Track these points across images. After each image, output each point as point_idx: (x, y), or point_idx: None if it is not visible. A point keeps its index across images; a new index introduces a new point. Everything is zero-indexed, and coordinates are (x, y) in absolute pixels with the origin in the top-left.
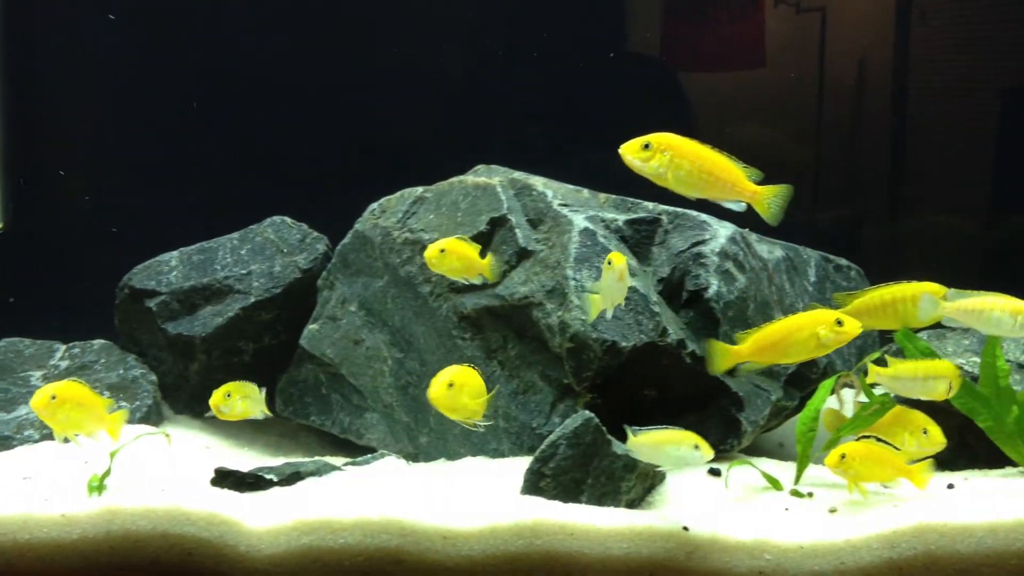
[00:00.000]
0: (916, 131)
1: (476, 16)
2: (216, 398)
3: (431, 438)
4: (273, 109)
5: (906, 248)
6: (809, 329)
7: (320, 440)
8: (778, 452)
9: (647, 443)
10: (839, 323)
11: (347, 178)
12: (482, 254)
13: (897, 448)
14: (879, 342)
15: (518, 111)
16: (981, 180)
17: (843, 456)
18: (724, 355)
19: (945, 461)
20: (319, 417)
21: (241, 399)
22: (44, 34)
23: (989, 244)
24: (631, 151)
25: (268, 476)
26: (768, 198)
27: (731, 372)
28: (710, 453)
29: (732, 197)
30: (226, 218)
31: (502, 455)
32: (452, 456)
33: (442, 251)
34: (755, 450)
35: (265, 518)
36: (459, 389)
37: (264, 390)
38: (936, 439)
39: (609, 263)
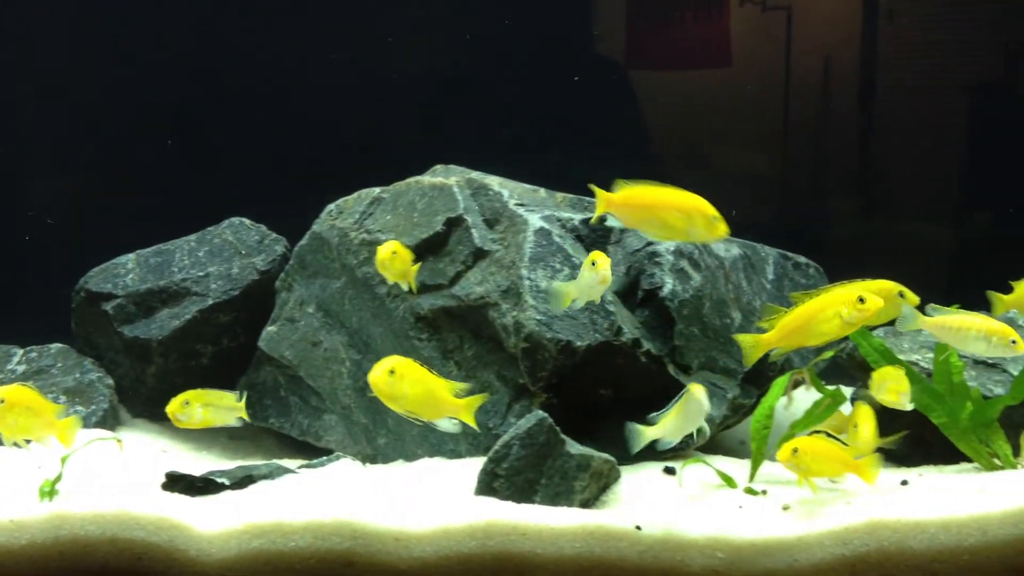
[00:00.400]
0: (883, 129)
1: (438, 14)
2: (173, 406)
3: (389, 439)
4: (231, 110)
5: (874, 245)
6: (832, 309)
7: (280, 443)
8: (739, 450)
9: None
10: (861, 300)
11: (307, 178)
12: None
13: (845, 444)
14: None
15: (482, 110)
16: (949, 177)
17: (795, 451)
18: (755, 345)
19: (901, 457)
20: (278, 420)
21: (202, 407)
22: None
23: (957, 240)
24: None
25: (219, 480)
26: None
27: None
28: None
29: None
30: (184, 220)
31: (459, 456)
32: (410, 457)
33: (394, 253)
34: (716, 448)
35: (216, 522)
36: (400, 378)
37: (244, 395)
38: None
39: (593, 263)
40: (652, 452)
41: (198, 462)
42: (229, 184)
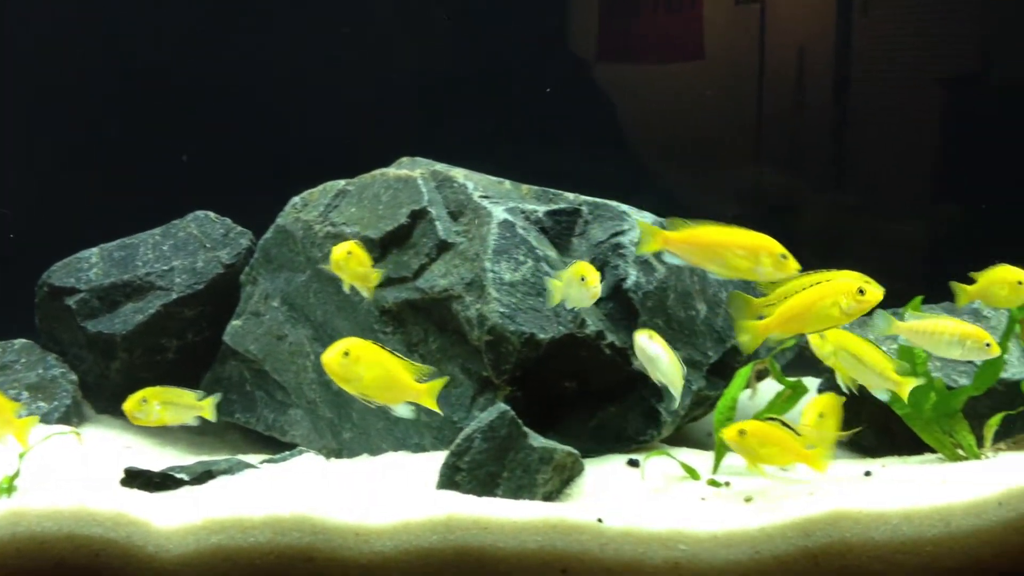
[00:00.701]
0: (858, 122)
1: (405, 4)
2: (130, 404)
3: (354, 434)
4: (196, 102)
5: (848, 237)
6: (831, 299)
7: (246, 438)
8: (706, 442)
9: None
10: (861, 292)
11: (275, 171)
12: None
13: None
14: None
15: (454, 103)
16: (924, 169)
17: (741, 432)
18: (753, 331)
19: (869, 448)
20: (243, 415)
21: (161, 405)
22: None
23: (932, 232)
24: None
25: (179, 475)
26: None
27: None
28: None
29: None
30: (149, 213)
31: (424, 449)
32: (375, 451)
33: (349, 253)
34: (683, 440)
35: (174, 518)
36: (355, 360)
37: (216, 397)
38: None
39: (583, 279)
40: (616, 444)
41: (162, 458)
42: (195, 177)
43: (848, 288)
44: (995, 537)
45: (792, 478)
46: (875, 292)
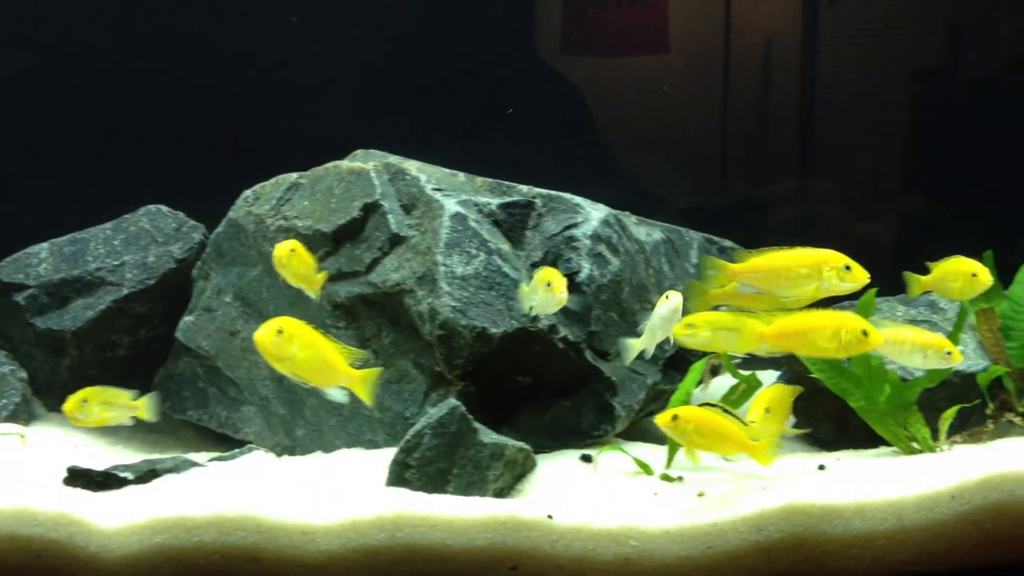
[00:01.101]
0: (825, 114)
1: None
2: (70, 404)
3: (307, 431)
4: (150, 94)
5: (814, 229)
6: (832, 329)
7: (200, 435)
8: (663, 437)
9: None
10: (865, 333)
11: (230, 164)
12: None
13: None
14: None
15: (413, 95)
16: (890, 161)
17: (675, 418)
18: (750, 335)
19: (826, 441)
20: (196, 412)
21: (100, 405)
22: None
23: (899, 222)
24: None
25: (123, 474)
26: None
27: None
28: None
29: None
30: (101, 208)
31: (377, 446)
32: (328, 448)
33: (292, 251)
34: (639, 434)
35: (117, 517)
36: (288, 338)
37: (151, 396)
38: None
39: (548, 284)
40: (571, 439)
41: (114, 457)
42: (147, 170)
43: (852, 324)
44: (948, 531)
45: (745, 472)
46: (876, 337)
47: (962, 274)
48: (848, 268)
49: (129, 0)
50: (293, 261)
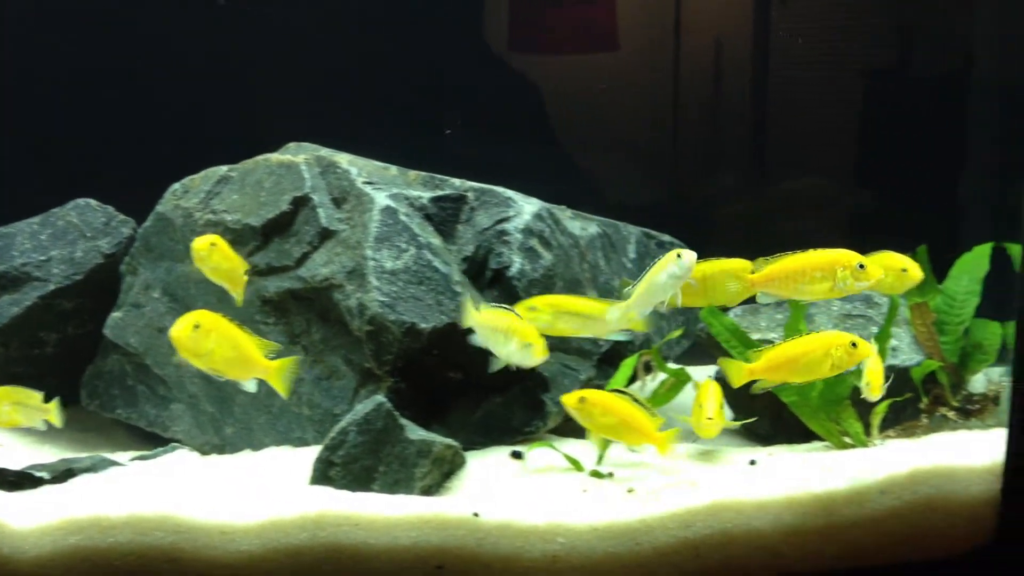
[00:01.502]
0: (776, 112)
1: None
2: None
3: (237, 429)
4: (80, 86)
5: (765, 226)
6: (822, 349)
7: (130, 434)
8: None
9: None
10: (854, 345)
11: (164, 157)
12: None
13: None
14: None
15: (349, 89)
16: (842, 159)
17: (581, 399)
18: (739, 372)
19: (764, 436)
20: (125, 410)
21: (10, 406)
22: None
23: (850, 220)
24: None
25: (39, 474)
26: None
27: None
28: None
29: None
30: (29, 201)
31: (307, 443)
32: (257, 446)
33: (212, 245)
34: (573, 431)
35: (31, 518)
36: (205, 333)
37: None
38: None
39: (529, 346)
40: (503, 436)
41: (40, 455)
42: (77, 163)
43: (840, 341)
44: (877, 525)
45: (676, 468)
46: (865, 347)
47: (892, 269)
48: (862, 267)
49: None
50: (214, 256)
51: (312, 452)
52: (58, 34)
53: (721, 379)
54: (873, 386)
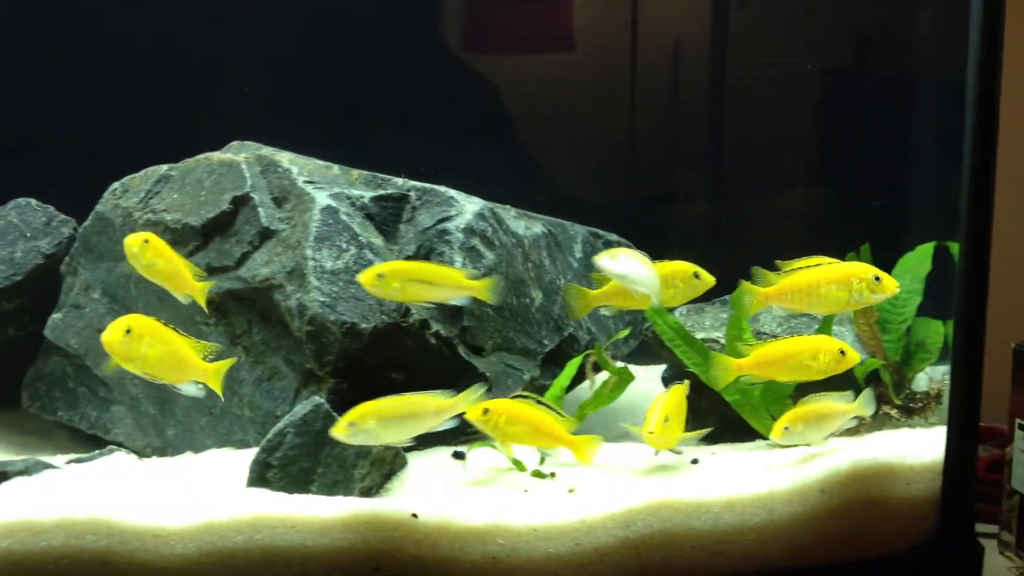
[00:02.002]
0: (734, 113)
1: None
2: None
3: (178, 430)
4: (22, 81)
5: (723, 227)
6: (811, 353)
7: (72, 436)
8: None
9: None
10: (842, 352)
11: (106, 156)
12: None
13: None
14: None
15: (295, 84)
16: (800, 160)
17: (485, 411)
18: (727, 367)
19: (710, 436)
20: (66, 412)
21: None
22: None
23: (808, 220)
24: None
25: None
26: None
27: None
28: None
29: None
30: None
31: (248, 445)
32: (199, 448)
33: (145, 242)
34: None
35: None
36: (138, 337)
37: None
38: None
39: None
40: (446, 436)
41: None
42: (16, 163)
43: (828, 347)
44: (818, 524)
45: (619, 468)
46: (853, 356)
47: None
48: (878, 279)
49: None
50: (147, 253)
51: (253, 454)
52: None
53: (667, 380)
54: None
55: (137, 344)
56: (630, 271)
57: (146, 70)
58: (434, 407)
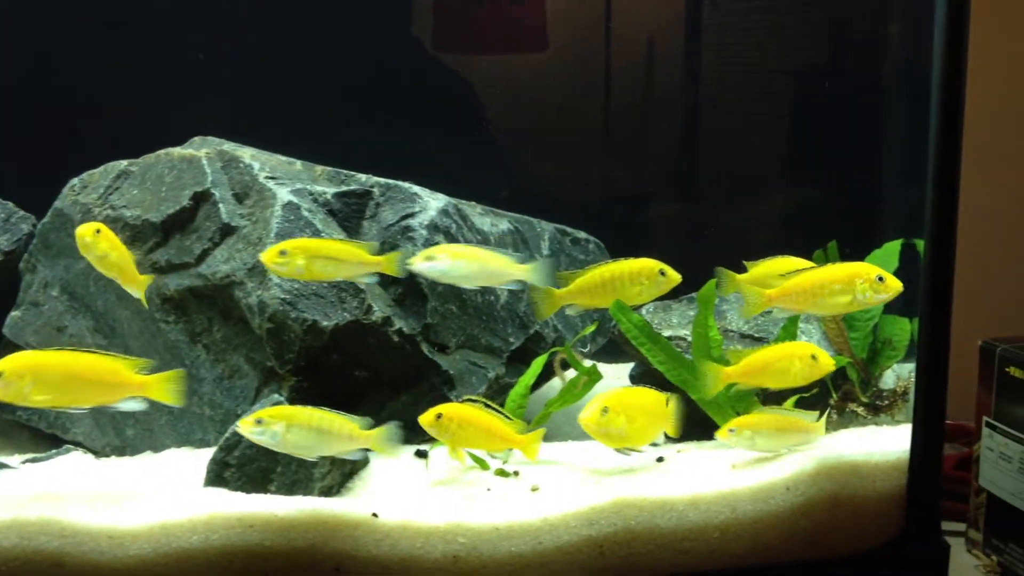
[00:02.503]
0: (708, 113)
1: None
2: None
3: (137, 430)
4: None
5: (695, 227)
6: (790, 359)
7: (33, 436)
8: None
9: None
10: (814, 357)
11: (66, 151)
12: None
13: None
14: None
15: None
16: (773, 160)
17: (439, 416)
18: (716, 375)
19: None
20: (25, 412)
21: None
22: None
23: (782, 220)
24: None
25: None
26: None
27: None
28: None
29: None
30: None
31: (208, 444)
32: (158, 448)
33: (97, 231)
34: None
35: None
36: (17, 379)
37: None
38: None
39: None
40: (409, 435)
41: None
42: None
43: (802, 352)
44: (782, 522)
45: (582, 466)
46: (827, 361)
47: (787, 271)
48: (881, 279)
49: None
50: (100, 244)
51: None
52: None
53: (634, 378)
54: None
55: (19, 383)
56: (449, 270)
57: (107, 65)
58: (347, 432)
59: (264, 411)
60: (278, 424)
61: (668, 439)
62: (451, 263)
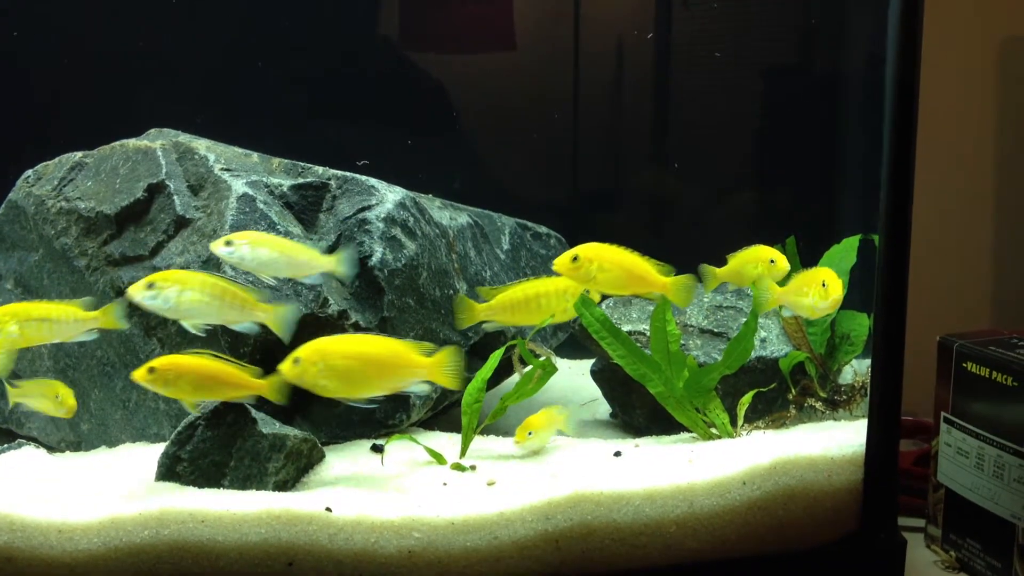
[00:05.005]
0: (678, 112)
1: None
2: None
3: (92, 425)
4: None
5: (664, 225)
6: (544, 296)
7: None
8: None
9: None
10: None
11: (24, 143)
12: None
13: None
14: None
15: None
16: (744, 158)
17: (151, 370)
18: (469, 311)
19: (639, 429)
20: None
21: None
22: None
23: (752, 219)
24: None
25: None
26: (678, 287)
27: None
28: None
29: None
30: None
31: (164, 439)
32: (113, 443)
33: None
34: (446, 423)
35: None
36: None
37: None
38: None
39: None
40: (365, 429)
41: None
42: None
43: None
44: (739, 516)
45: (542, 460)
46: (576, 292)
47: (761, 261)
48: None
49: None
50: None
51: None
52: None
53: (595, 373)
54: None
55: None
56: (248, 257)
57: (64, 56)
58: (240, 302)
59: (157, 275)
60: (171, 288)
61: (636, 434)
62: (251, 250)
